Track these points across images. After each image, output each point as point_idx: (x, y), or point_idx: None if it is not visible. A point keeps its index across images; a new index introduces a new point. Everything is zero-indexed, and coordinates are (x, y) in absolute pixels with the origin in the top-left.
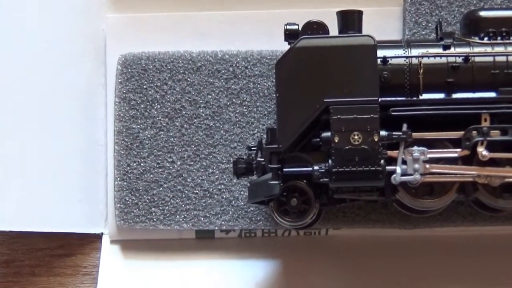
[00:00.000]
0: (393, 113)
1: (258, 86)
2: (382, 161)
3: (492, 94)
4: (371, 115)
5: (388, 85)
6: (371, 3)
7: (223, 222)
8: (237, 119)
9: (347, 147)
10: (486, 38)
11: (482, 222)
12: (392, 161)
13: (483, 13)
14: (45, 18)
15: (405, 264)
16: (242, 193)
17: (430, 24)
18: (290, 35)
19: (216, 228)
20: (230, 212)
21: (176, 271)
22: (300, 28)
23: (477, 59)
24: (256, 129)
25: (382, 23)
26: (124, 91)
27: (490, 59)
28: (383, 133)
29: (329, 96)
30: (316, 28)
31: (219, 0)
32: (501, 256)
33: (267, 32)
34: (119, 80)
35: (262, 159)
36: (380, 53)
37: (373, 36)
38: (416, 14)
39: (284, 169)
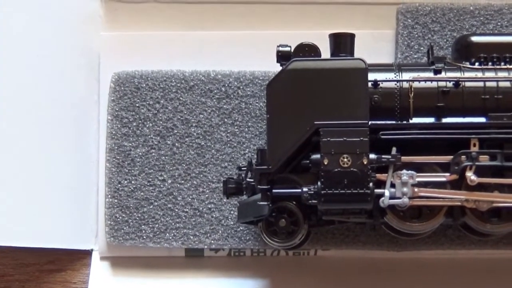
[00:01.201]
0: (382, 137)
1: (250, 106)
2: (370, 184)
3: (482, 119)
4: (361, 138)
5: (378, 108)
6: (364, 25)
7: (212, 241)
8: (229, 139)
9: (336, 170)
10: (477, 64)
11: (470, 246)
12: (381, 184)
13: (474, 39)
14: (40, 34)
15: (393, 285)
16: (232, 212)
17: (422, 48)
18: (282, 56)
19: (206, 247)
20: (220, 231)
21: None
22: (292, 50)
23: (467, 84)
24: (247, 149)
25: (375, 46)
26: (117, 109)
27: (481, 84)
28: (372, 156)
29: (320, 119)
30: (308, 50)
31: (213, 20)
32: (489, 279)
33: (260, 53)
34: (112, 98)
35: (252, 180)
36: (371, 76)
37: (364, 59)
38: (409, 37)
39: (274, 190)
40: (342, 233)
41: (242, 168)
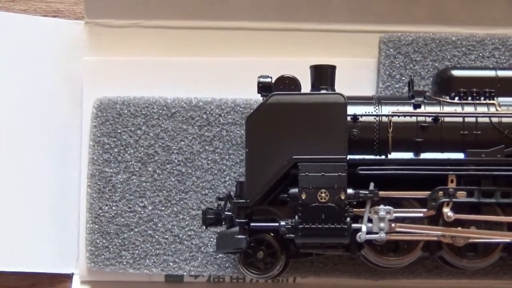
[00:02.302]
0: (360, 172)
1: (231, 134)
2: (348, 219)
3: (460, 155)
4: (339, 173)
5: (357, 142)
6: (347, 54)
7: (192, 268)
8: (209, 166)
9: (314, 204)
10: (456, 98)
11: (448, 276)
12: (359, 218)
13: (454, 72)
14: (22, 58)
15: None
16: (211, 239)
17: (403, 78)
18: (263, 88)
19: (185, 273)
20: (199, 258)
21: None
22: (273, 81)
23: (446, 119)
24: (228, 177)
25: (356, 74)
26: (99, 135)
27: (460, 119)
28: (350, 191)
29: (298, 153)
30: (288, 83)
31: (196, 46)
32: None
33: (242, 80)
34: (94, 124)
35: (230, 213)
36: (351, 109)
37: (343, 94)
38: (390, 67)
39: (251, 224)
40: (320, 261)
41: (221, 199)
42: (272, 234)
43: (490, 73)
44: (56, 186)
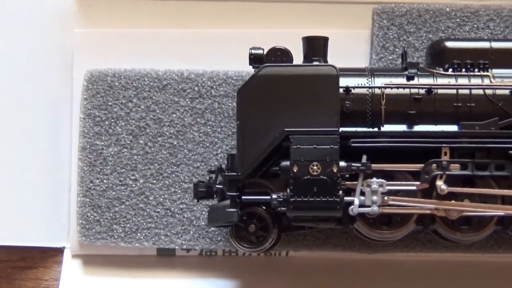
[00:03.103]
0: (353, 144)
1: (223, 106)
2: (340, 192)
3: (454, 128)
4: (331, 146)
5: (350, 114)
6: (340, 25)
7: (184, 242)
8: (201, 139)
9: (305, 177)
10: (450, 70)
11: (442, 250)
12: (351, 191)
13: (448, 44)
14: (12, 31)
15: (365, 286)
16: (203, 213)
17: (397, 49)
18: (255, 59)
19: (177, 247)
20: (191, 232)
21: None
22: (265, 53)
23: (440, 91)
24: (220, 149)
25: (350, 46)
26: (89, 107)
27: (453, 91)
28: (342, 164)
29: (290, 125)
30: (280, 55)
31: (187, 18)
32: (460, 282)
33: (234, 52)
34: (85, 96)
35: (221, 186)
36: (344, 81)
37: (335, 66)
38: (384, 38)
39: (243, 197)
40: (313, 235)
41: (213, 172)
42: (264, 208)
43: (485, 45)
44: (47, 159)
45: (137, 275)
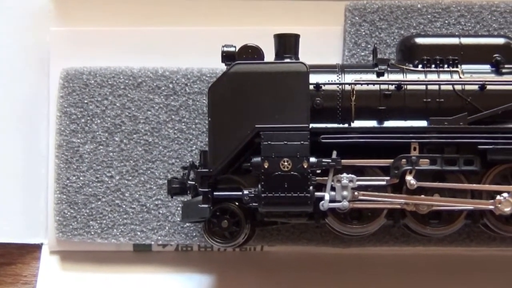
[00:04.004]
0: (323, 140)
1: (198, 103)
2: (311, 188)
3: (423, 123)
4: (301, 142)
5: (320, 110)
6: (313, 22)
7: (159, 237)
8: (176, 136)
9: (276, 173)
10: (420, 66)
11: (415, 244)
12: (322, 187)
13: (418, 40)
14: None
15: (339, 281)
16: (178, 209)
17: (369, 46)
18: (227, 57)
19: (153, 242)
20: (167, 227)
21: (114, 283)
22: (236, 50)
23: (409, 87)
24: (194, 146)
25: (323, 43)
26: (65, 105)
27: (423, 87)
28: (312, 160)
29: (261, 122)
30: (251, 52)
31: (162, 16)
32: (433, 276)
33: (208, 49)
34: (61, 94)
35: (194, 182)
36: (314, 78)
37: (305, 63)
38: (356, 35)
39: (215, 193)
40: (287, 230)
41: (186, 168)
42: (237, 203)
43: (454, 41)
44: (25, 157)
45: (114, 271)
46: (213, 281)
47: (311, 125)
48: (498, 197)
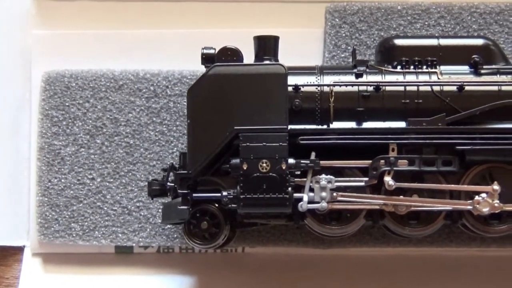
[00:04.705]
0: (301, 142)
1: (178, 105)
2: (289, 189)
3: (402, 124)
4: (280, 143)
5: (299, 112)
6: (294, 24)
7: (141, 239)
8: (157, 138)
9: (255, 174)
10: (399, 67)
11: (395, 244)
12: (301, 188)
13: (397, 42)
14: None
15: (319, 281)
16: (159, 210)
17: (349, 47)
18: (206, 59)
19: (134, 244)
20: (148, 229)
21: (96, 285)
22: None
23: (388, 88)
24: (175, 148)
25: (304, 45)
26: (47, 108)
27: (401, 88)
28: (291, 161)
29: (240, 124)
30: (230, 54)
31: (143, 19)
32: (414, 275)
33: (189, 52)
34: (42, 97)
35: (173, 184)
36: (293, 80)
37: (284, 65)
38: (336, 37)
39: (194, 195)
40: (268, 231)
41: (166, 170)
42: (216, 205)
43: (432, 42)
44: (7, 159)
45: (96, 272)
46: (194, 282)
47: (290, 127)
48: (476, 197)
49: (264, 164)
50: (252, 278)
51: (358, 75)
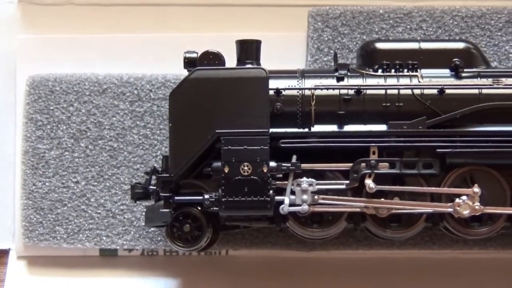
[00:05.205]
0: (282, 145)
1: (162, 109)
2: (271, 192)
3: (383, 127)
4: (261, 147)
5: (281, 115)
6: (277, 28)
7: (125, 242)
8: (141, 141)
9: (237, 177)
10: (380, 70)
11: (378, 247)
12: (283, 191)
13: (378, 45)
14: None
15: (302, 284)
16: (143, 213)
17: (332, 51)
18: (189, 63)
19: (118, 247)
20: (132, 232)
21: (81, 287)
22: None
23: (369, 91)
24: (159, 151)
25: (287, 48)
26: (31, 112)
27: (382, 91)
28: (272, 164)
29: (222, 127)
30: (212, 58)
31: (126, 24)
32: (396, 278)
33: (172, 56)
34: (27, 101)
35: (155, 187)
36: (274, 83)
37: (265, 68)
38: (319, 40)
39: (176, 198)
40: (251, 234)
41: (149, 173)
42: (199, 208)
43: (413, 45)
44: None
45: (81, 275)
46: (178, 285)
47: (271, 130)
48: (457, 200)
49: (246, 167)
50: (236, 281)
51: (339, 79)
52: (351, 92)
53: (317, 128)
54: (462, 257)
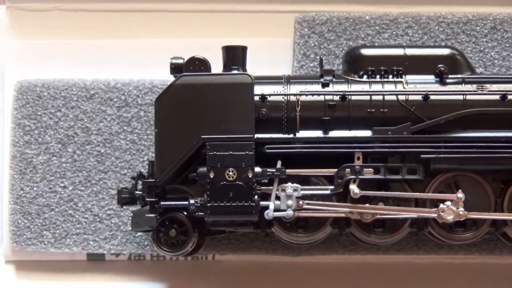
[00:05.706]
0: (267, 151)
1: (149, 114)
2: (256, 197)
3: (367, 133)
4: (246, 152)
5: (266, 121)
6: (263, 34)
7: (112, 246)
8: (128, 147)
9: (222, 183)
10: (365, 76)
11: (364, 252)
12: (268, 196)
13: (363, 51)
14: None
15: None
16: (130, 218)
17: (318, 57)
18: (175, 69)
19: (105, 252)
20: (119, 237)
21: None
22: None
23: (354, 97)
24: (146, 157)
25: (274, 54)
26: (19, 117)
27: (367, 97)
28: (257, 169)
29: (207, 133)
30: (198, 64)
31: (114, 29)
32: (382, 283)
33: (159, 61)
34: (15, 106)
35: (141, 192)
36: (260, 89)
37: (251, 74)
38: (305, 46)
39: (161, 203)
40: (238, 239)
41: (135, 178)
42: (185, 213)
43: (399, 51)
44: None
45: (69, 279)
46: None
47: (256, 136)
48: (441, 205)
49: (231, 173)
50: (223, 285)
51: (325, 85)
52: (336, 98)
53: (302, 133)
54: (448, 262)
